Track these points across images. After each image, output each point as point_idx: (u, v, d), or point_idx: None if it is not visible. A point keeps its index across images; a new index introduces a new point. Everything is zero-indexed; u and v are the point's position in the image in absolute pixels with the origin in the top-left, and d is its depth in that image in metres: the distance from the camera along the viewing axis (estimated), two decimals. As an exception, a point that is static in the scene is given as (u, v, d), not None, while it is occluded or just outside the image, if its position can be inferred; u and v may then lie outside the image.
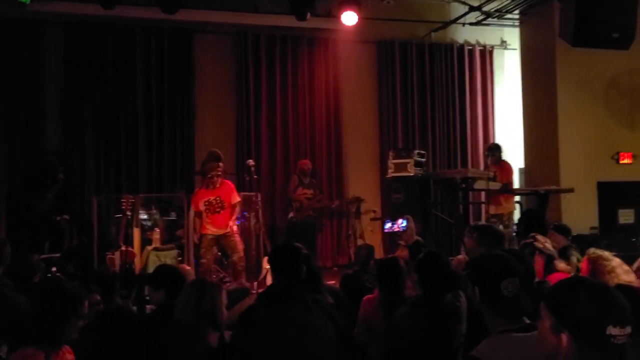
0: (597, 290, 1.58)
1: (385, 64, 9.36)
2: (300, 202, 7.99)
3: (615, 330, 1.48)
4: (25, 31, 7.88)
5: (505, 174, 7.59)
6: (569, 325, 1.55)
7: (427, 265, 3.13)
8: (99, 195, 7.65)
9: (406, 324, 3.01)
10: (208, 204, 6.43)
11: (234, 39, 8.81)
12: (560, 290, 1.67)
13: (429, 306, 3.00)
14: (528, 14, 8.76)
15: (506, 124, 9.86)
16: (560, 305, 1.59)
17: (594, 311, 1.52)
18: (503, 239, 3.54)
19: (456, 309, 3.02)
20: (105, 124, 8.19)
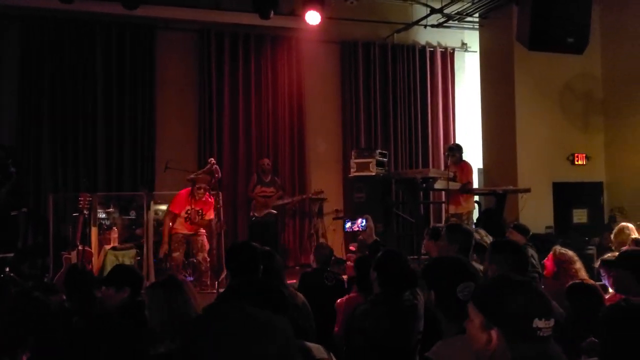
0: (522, 285, 1.66)
1: (349, 64, 9.41)
2: (257, 201, 7.99)
3: (541, 323, 1.55)
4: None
5: (465, 174, 7.73)
6: (498, 321, 1.61)
7: (386, 264, 3.16)
8: (56, 192, 7.47)
9: (366, 322, 3.03)
10: (189, 214, 6.46)
11: (196, 36, 8.72)
12: (487, 288, 1.75)
13: (388, 304, 3.03)
14: (487, 17, 8.95)
15: (466, 124, 10.04)
16: (489, 302, 1.65)
17: (521, 305, 1.58)
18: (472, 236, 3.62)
19: (414, 307, 3.06)
20: (63, 120, 8.00)
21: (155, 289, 2.70)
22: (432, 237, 4.24)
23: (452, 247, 3.60)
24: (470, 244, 3.55)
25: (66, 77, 8.02)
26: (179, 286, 2.66)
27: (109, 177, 8.16)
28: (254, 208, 8.06)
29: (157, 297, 2.65)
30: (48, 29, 7.94)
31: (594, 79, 8.64)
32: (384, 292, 3.10)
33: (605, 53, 8.54)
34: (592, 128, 8.67)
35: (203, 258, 6.43)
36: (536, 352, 1.57)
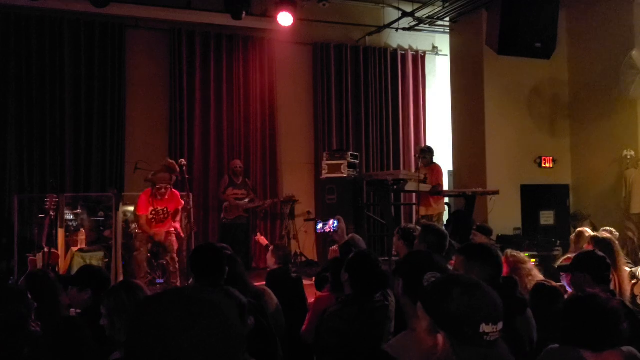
0: (470, 288, 1.61)
1: (321, 65, 9.43)
2: (229, 202, 7.95)
3: (488, 328, 1.52)
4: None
5: (435, 176, 7.81)
6: (444, 324, 1.57)
7: (358, 265, 3.17)
8: (22, 193, 7.30)
9: (337, 323, 3.04)
10: (155, 214, 6.39)
11: (167, 35, 8.62)
12: (434, 289, 1.69)
13: (359, 305, 3.04)
14: (458, 21, 9.07)
15: (437, 127, 10.16)
16: (436, 304, 1.61)
17: (467, 309, 1.55)
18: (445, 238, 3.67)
19: (385, 308, 3.08)
20: (29, 119, 7.81)
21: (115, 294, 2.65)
22: (402, 237, 4.27)
23: (421, 247, 3.64)
24: (443, 245, 3.59)
25: (33, 76, 7.84)
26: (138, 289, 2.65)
27: (76, 178, 8.00)
28: (225, 210, 8.02)
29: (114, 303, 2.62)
30: (15, 26, 7.75)
31: (560, 83, 8.84)
32: (355, 293, 3.11)
33: (572, 58, 8.74)
34: (558, 131, 8.86)
35: (171, 259, 6.36)
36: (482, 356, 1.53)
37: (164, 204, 6.42)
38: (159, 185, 6.34)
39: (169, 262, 6.36)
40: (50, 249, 5.77)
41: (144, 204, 6.40)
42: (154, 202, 6.38)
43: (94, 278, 3.19)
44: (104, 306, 2.65)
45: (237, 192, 8.04)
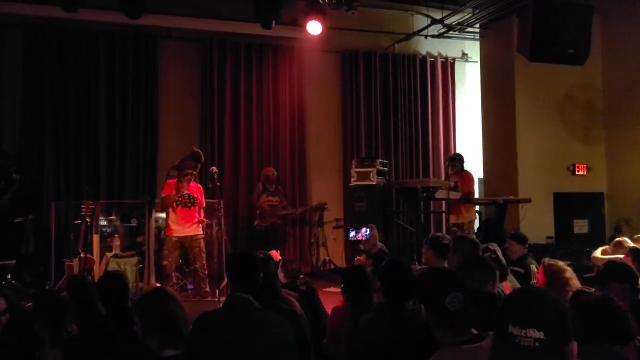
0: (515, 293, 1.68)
1: (349, 73, 9.46)
2: (262, 210, 7.98)
3: (515, 330, 1.52)
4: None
5: (466, 184, 7.74)
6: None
7: (390, 273, 3.16)
8: (58, 200, 7.48)
9: (370, 332, 3.03)
10: (181, 197, 6.40)
11: (198, 44, 8.77)
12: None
13: (393, 313, 3.03)
14: (488, 28, 9.00)
15: (467, 134, 10.08)
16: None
17: (502, 309, 1.60)
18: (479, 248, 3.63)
19: (418, 316, 3.06)
20: (66, 127, 8.02)
21: (147, 302, 2.69)
22: (431, 246, 4.24)
23: (455, 258, 3.61)
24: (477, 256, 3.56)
25: (69, 85, 8.05)
26: (169, 297, 2.67)
27: (110, 185, 8.17)
28: (259, 217, 8.03)
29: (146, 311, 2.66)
30: (52, 38, 7.98)
31: (594, 89, 8.69)
32: (388, 301, 3.10)
33: (606, 64, 8.59)
34: (592, 139, 8.70)
35: (201, 266, 6.39)
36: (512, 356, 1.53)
37: (189, 190, 6.46)
38: (185, 172, 6.39)
39: (198, 269, 6.41)
40: (86, 255, 5.89)
41: (170, 188, 6.44)
42: (180, 187, 6.42)
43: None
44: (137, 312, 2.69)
45: (271, 199, 8.06)
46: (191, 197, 6.44)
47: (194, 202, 6.44)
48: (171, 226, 6.43)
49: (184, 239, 6.42)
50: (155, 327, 2.56)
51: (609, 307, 2.40)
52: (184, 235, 6.42)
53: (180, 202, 6.41)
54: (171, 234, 6.42)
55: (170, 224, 6.44)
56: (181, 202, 6.41)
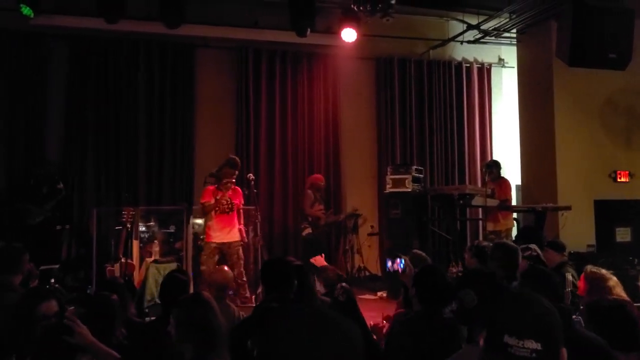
0: (512, 298, 1.63)
1: (384, 80, 9.45)
2: (316, 218, 8.01)
3: (511, 340, 1.47)
4: (29, 44, 7.96)
5: (503, 191, 7.64)
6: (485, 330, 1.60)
7: (424, 279, 3.16)
8: (99, 207, 7.67)
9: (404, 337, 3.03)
10: (219, 203, 6.50)
11: (235, 53, 8.89)
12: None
13: (427, 320, 3.02)
14: (525, 32, 8.87)
15: (504, 140, 9.94)
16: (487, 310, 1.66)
17: (495, 316, 1.55)
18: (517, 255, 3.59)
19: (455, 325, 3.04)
20: (106, 136, 8.23)
21: (184, 308, 2.72)
22: (475, 255, 4.20)
23: (493, 265, 3.58)
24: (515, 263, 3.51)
25: (110, 94, 8.27)
26: (207, 304, 2.68)
27: (149, 192, 8.33)
28: (312, 225, 8.03)
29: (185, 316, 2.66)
30: (94, 49, 8.21)
31: (636, 94, 8.47)
32: (424, 308, 3.09)
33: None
34: (635, 145, 8.48)
35: (239, 273, 6.44)
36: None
37: (227, 195, 6.54)
38: (225, 180, 6.48)
39: (237, 276, 6.46)
40: (126, 260, 6.04)
41: (209, 194, 6.55)
42: (218, 193, 6.52)
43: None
44: (173, 317, 2.72)
45: (321, 207, 8.10)
46: (229, 203, 6.50)
47: (232, 207, 6.50)
48: (210, 232, 6.52)
49: (222, 245, 6.51)
50: (189, 333, 2.55)
51: (623, 314, 2.40)
52: (222, 242, 6.51)
53: (218, 209, 6.48)
54: (210, 239, 6.51)
55: (209, 230, 6.53)
56: (219, 209, 6.48)
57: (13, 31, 7.84)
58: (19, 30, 7.81)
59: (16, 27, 7.74)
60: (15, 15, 7.21)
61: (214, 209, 6.47)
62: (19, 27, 7.70)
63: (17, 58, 7.93)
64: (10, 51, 7.91)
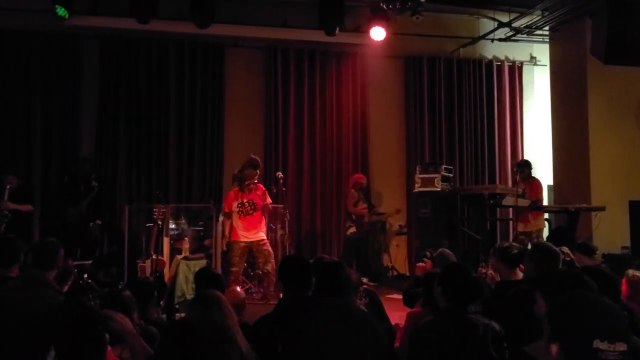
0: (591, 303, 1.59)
1: (413, 78, 9.38)
2: (360, 217, 8.04)
3: (603, 345, 1.45)
4: (64, 44, 8.14)
5: (535, 191, 7.52)
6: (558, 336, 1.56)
7: (450, 276, 3.14)
8: (131, 204, 7.79)
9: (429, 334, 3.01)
10: (241, 206, 6.58)
11: (263, 52, 8.94)
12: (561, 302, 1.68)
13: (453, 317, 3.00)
14: (558, 30, 8.71)
15: (535, 140, 9.78)
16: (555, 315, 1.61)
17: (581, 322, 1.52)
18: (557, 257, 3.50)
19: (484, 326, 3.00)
20: (138, 134, 8.36)
21: (192, 306, 2.75)
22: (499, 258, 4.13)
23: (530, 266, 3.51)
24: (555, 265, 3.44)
25: (141, 93, 8.39)
26: (208, 302, 2.70)
27: (179, 190, 8.44)
28: (356, 224, 8.07)
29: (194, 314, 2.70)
30: (126, 48, 8.35)
31: (674, 92, 8.23)
32: (450, 305, 3.08)
33: (687, 65, 8.11)
34: (671, 144, 8.24)
35: (272, 268, 6.45)
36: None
37: (249, 197, 6.59)
38: (248, 182, 6.53)
39: (269, 272, 6.47)
40: (157, 257, 6.12)
41: (230, 200, 6.62)
42: (241, 196, 6.58)
43: None
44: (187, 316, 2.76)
45: (364, 205, 8.13)
46: (251, 204, 6.56)
47: (254, 208, 6.56)
48: (238, 232, 6.57)
49: (251, 244, 6.56)
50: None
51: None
52: (251, 241, 6.55)
53: (241, 212, 6.55)
54: (238, 239, 6.55)
55: (236, 230, 6.58)
56: (242, 212, 6.55)
57: (48, 32, 8.03)
58: (54, 31, 7.99)
59: (51, 28, 7.92)
60: (50, 16, 7.40)
61: (237, 213, 6.54)
62: (54, 28, 7.88)
63: (52, 58, 8.12)
64: (46, 51, 8.10)
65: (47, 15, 7.49)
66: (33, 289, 3.25)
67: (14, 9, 7.84)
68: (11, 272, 3.61)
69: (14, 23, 7.90)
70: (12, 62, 8.00)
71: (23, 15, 7.89)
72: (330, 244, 8.89)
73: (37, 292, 3.23)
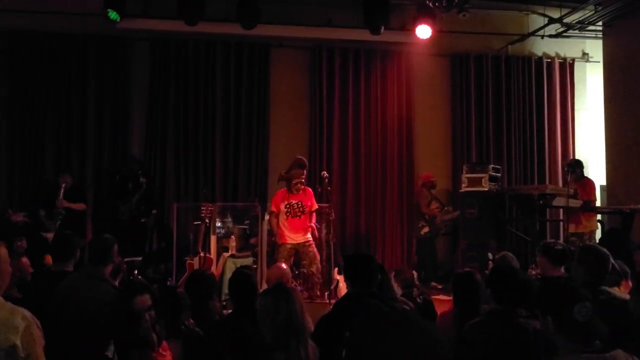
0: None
1: (459, 77, 9.24)
2: (434, 216, 8.04)
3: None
4: (115, 46, 8.38)
5: (587, 192, 7.30)
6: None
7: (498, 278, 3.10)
8: (179, 202, 7.95)
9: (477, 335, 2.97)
10: (289, 207, 6.52)
11: (308, 52, 8.96)
12: None
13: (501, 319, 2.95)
14: (612, 25, 8.42)
15: (587, 138, 9.49)
16: None
17: None
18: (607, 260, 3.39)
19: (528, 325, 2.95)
20: (186, 134, 8.53)
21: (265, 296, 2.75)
22: (544, 254, 4.05)
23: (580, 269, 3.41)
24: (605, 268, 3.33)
25: (189, 94, 8.55)
26: (287, 294, 2.68)
27: (225, 188, 8.56)
28: (429, 224, 8.07)
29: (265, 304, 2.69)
30: (174, 50, 8.53)
31: None
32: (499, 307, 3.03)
33: None
34: None
35: (317, 269, 6.45)
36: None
37: (298, 198, 6.53)
38: (295, 181, 6.50)
39: (314, 273, 6.45)
40: (205, 254, 6.23)
41: (278, 201, 6.57)
42: (289, 196, 6.55)
43: None
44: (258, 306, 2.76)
45: (437, 205, 8.11)
46: (300, 206, 6.53)
47: (303, 210, 6.53)
48: (285, 233, 6.53)
49: (297, 245, 6.51)
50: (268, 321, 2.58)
51: None
52: (297, 242, 6.51)
53: (289, 213, 6.52)
54: (285, 240, 6.50)
55: (282, 231, 6.54)
56: (290, 213, 6.52)
57: (101, 35, 8.28)
58: (107, 34, 8.24)
59: (104, 32, 8.16)
60: (102, 20, 7.64)
61: (285, 214, 6.50)
62: (107, 31, 8.12)
63: (105, 60, 8.37)
64: (99, 54, 8.36)
65: (99, 19, 7.73)
66: (91, 283, 3.37)
67: (69, 12, 8.14)
68: (68, 267, 3.76)
69: (69, 27, 8.21)
70: (67, 64, 8.29)
71: (77, 20, 8.18)
72: (375, 244, 8.84)
73: (95, 286, 3.37)
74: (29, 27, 8.17)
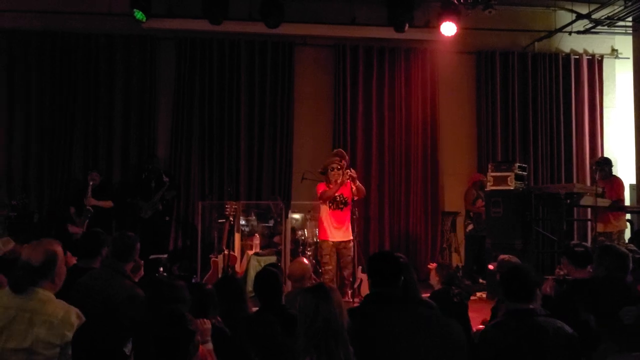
0: None
1: (485, 74, 9.14)
2: (479, 214, 8.04)
3: None
4: (141, 46, 8.49)
5: (615, 191, 7.15)
6: None
7: (509, 278, 3.10)
8: (203, 200, 8.02)
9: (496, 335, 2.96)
10: (332, 200, 6.36)
11: (332, 50, 8.96)
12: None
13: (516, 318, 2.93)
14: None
15: (616, 136, 9.30)
16: None
17: None
18: (627, 260, 3.34)
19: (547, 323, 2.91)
20: (210, 133, 8.59)
21: (305, 295, 2.72)
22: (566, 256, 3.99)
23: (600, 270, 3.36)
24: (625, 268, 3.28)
25: (214, 92, 8.62)
26: (327, 294, 2.61)
27: (249, 187, 8.60)
28: (474, 221, 8.11)
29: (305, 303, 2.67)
30: (199, 49, 8.60)
31: None
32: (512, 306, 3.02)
33: None
34: None
35: (349, 274, 6.32)
36: None
37: (340, 191, 6.35)
38: (332, 167, 6.30)
39: (345, 277, 6.32)
40: (229, 252, 6.28)
41: (323, 187, 6.38)
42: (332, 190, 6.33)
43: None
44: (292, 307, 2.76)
45: (483, 203, 8.07)
46: (342, 198, 6.36)
47: (346, 203, 6.37)
48: (326, 230, 6.35)
49: (338, 244, 6.34)
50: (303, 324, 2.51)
51: None
52: (338, 241, 6.34)
53: (332, 206, 6.35)
54: (327, 237, 6.33)
55: (325, 228, 6.37)
56: (333, 205, 6.35)
57: (128, 35, 8.40)
58: (133, 34, 8.35)
59: (130, 31, 8.29)
60: (129, 20, 7.75)
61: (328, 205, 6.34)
62: (133, 31, 8.25)
63: (132, 60, 8.49)
64: (126, 53, 8.48)
65: (126, 19, 7.85)
66: (113, 278, 3.44)
67: (96, 13, 8.28)
68: (94, 264, 3.82)
69: (97, 27, 8.35)
70: (95, 64, 8.42)
71: (104, 20, 8.31)
72: (399, 243, 8.80)
73: (116, 281, 3.43)
74: (59, 28, 8.34)
